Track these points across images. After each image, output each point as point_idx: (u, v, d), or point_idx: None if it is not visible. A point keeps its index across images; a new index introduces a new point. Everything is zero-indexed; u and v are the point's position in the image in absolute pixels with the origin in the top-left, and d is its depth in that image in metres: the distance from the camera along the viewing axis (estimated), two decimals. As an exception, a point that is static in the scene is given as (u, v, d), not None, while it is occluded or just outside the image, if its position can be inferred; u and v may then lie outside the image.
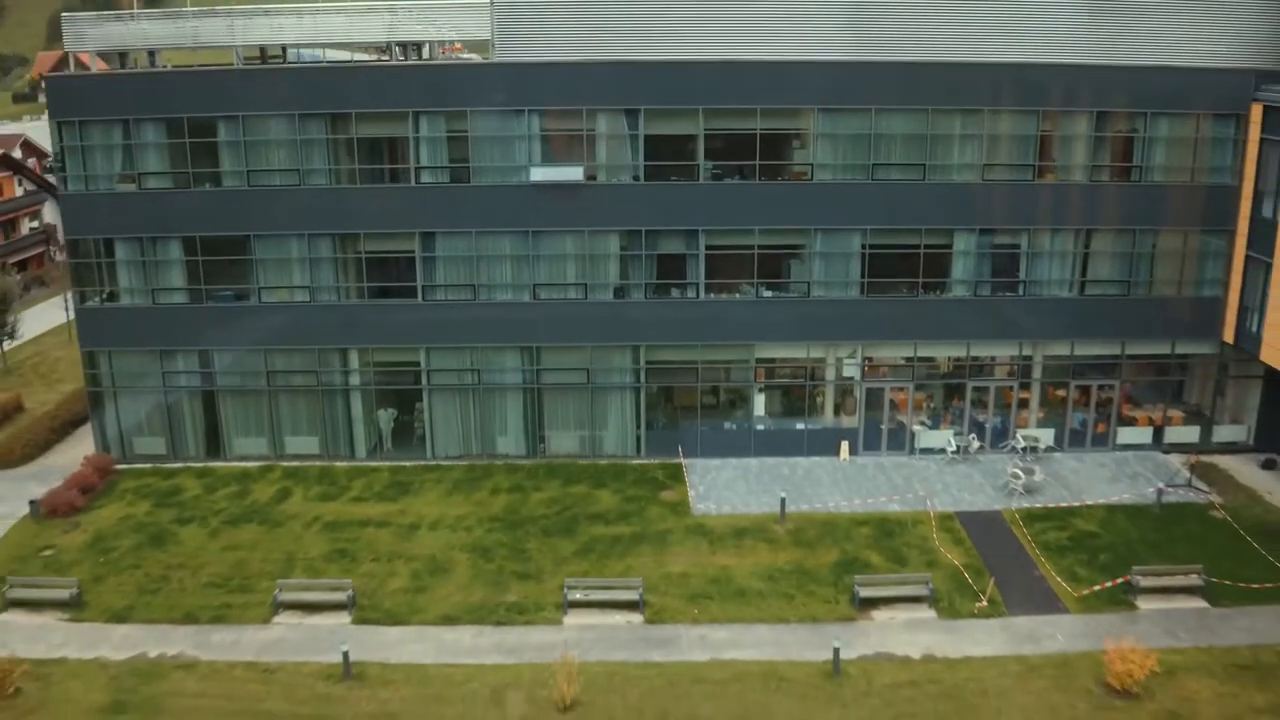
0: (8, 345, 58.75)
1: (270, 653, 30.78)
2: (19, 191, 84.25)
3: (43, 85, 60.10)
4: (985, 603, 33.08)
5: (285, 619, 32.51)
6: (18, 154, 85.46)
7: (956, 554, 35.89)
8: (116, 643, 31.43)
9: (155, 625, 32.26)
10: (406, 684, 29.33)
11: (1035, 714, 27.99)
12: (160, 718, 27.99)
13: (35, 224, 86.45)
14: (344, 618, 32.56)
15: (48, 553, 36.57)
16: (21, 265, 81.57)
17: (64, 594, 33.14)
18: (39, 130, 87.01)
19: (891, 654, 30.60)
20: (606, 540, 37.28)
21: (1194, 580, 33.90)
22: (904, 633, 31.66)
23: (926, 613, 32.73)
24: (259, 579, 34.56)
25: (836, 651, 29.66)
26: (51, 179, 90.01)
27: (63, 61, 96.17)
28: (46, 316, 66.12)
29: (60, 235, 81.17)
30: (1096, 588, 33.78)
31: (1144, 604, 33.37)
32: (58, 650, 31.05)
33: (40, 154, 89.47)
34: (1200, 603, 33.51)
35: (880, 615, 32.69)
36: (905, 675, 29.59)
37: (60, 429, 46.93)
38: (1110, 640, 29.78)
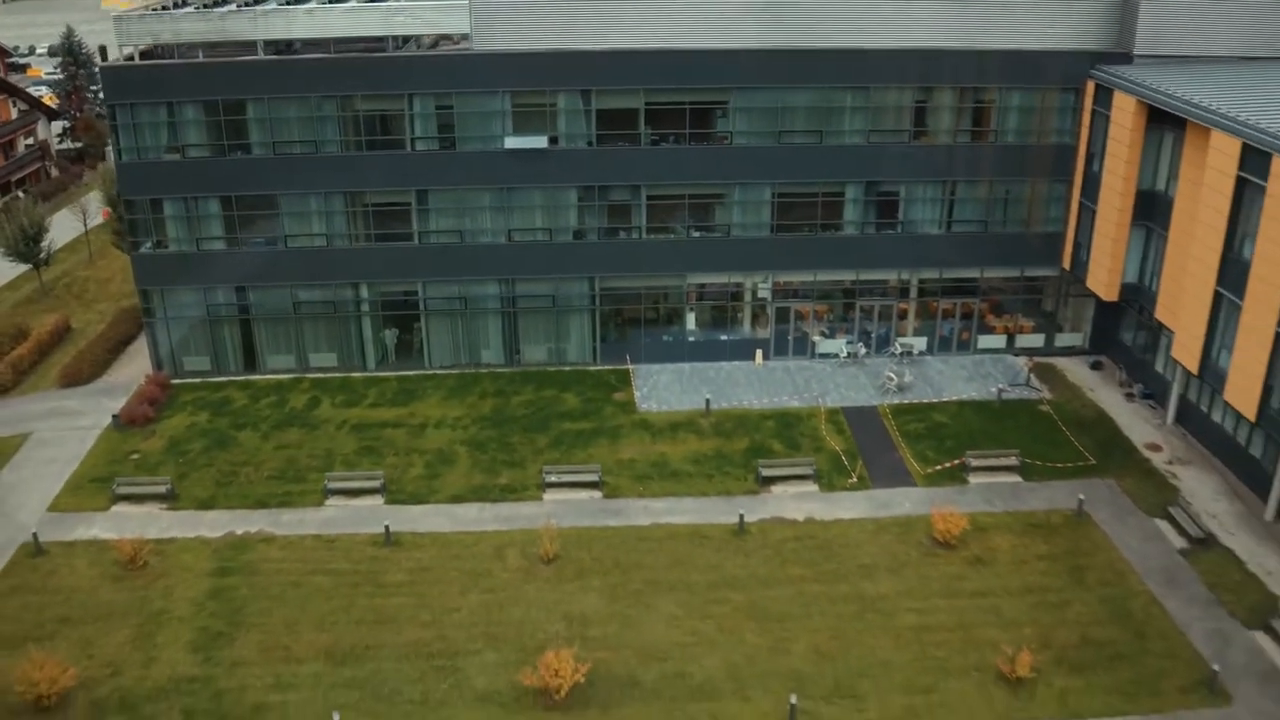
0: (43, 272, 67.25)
1: (328, 527, 41.54)
2: (14, 114, 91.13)
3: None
4: (855, 479, 44.48)
5: (334, 502, 43.19)
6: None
7: (838, 441, 47.22)
8: (209, 524, 41.94)
9: (235, 510, 42.78)
10: (432, 546, 40.31)
11: (880, 559, 39.53)
12: (257, 577, 38.72)
13: (30, 141, 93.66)
14: (378, 500, 43.30)
15: (134, 457, 46.66)
16: (21, 182, 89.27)
17: (161, 489, 43.39)
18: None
19: (783, 517, 41.99)
20: (572, 434, 48.13)
21: (1012, 461, 45.36)
22: (793, 502, 43.04)
23: (811, 487, 44.08)
24: (308, 472, 45.12)
25: (742, 517, 41.06)
26: (41, 97, 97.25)
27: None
28: (56, 232, 71.60)
29: (53, 150, 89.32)
30: (939, 467, 45.25)
31: (973, 479, 44.85)
32: (166, 533, 41.41)
33: (3, 52, 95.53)
34: (1016, 478, 44.94)
35: (777, 489, 44.00)
36: (792, 533, 41.03)
37: (114, 349, 56.30)
38: (937, 506, 41.28)
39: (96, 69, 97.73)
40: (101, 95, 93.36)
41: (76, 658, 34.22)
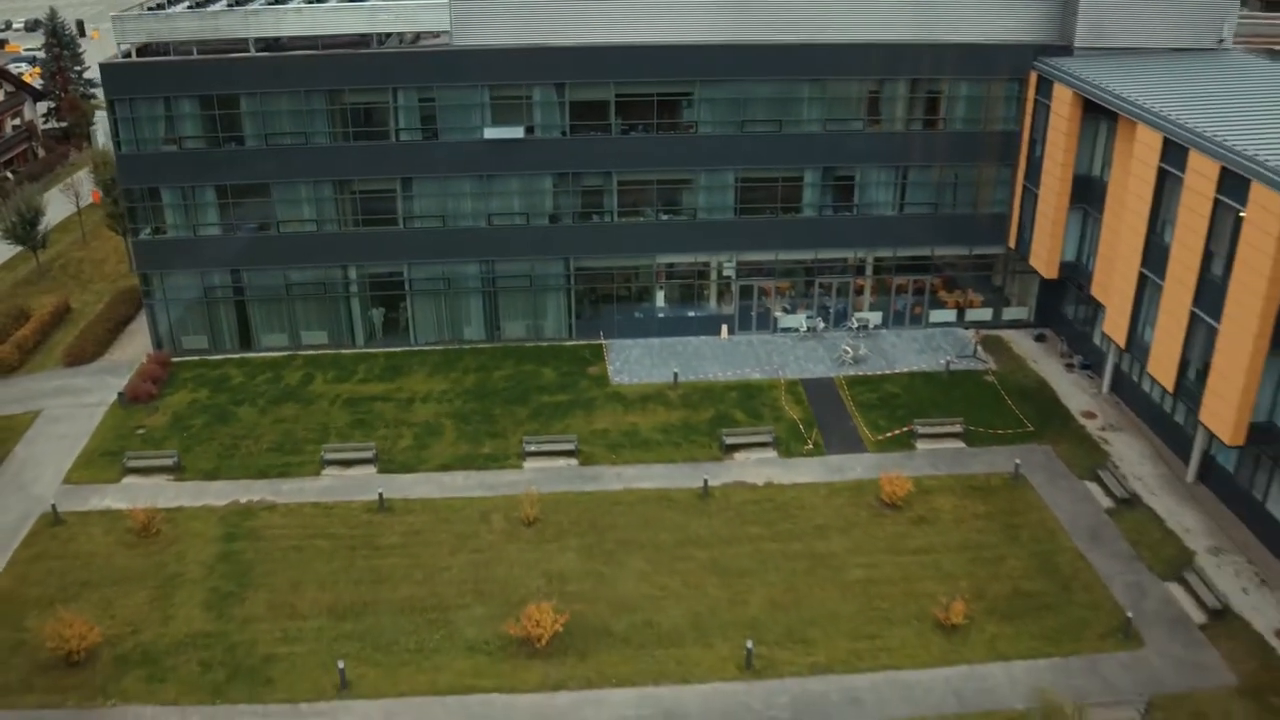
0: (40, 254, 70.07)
1: (326, 495, 45.00)
2: (0, 95, 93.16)
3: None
4: (811, 446, 48.23)
5: (331, 472, 46.62)
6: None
7: (796, 411, 50.94)
8: (215, 494, 45.30)
9: (239, 480, 46.15)
10: (423, 512, 43.84)
11: (832, 519, 43.33)
12: (262, 542, 42.18)
13: (17, 122, 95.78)
14: (371, 470, 46.75)
15: (140, 431, 49.90)
16: (9, 163, 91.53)
17: (168, 461, 46.68)
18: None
19: (744, 482, 45.71)
20: (550, 406, 51.66)
21: (957, 429, 49.18)
22: (754, 468, 46.76)
23: (770, 454, 47.80)
24: (305, 444, 48.51)
25: (706, 482, 44.78)
26: (28, 79, 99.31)
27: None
28: (48, 212, 72.88)
29: (39, 131, 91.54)
30: (889, 434, 49.04)
31: (921, 445, 48.68)
32: (174, 502, 44.76)
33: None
34: (960, 444, 48.77)
35: (739, 456, 47.69)
36: (752, 496, 44.76)
37: (115, 328, 59.32)
38: (886, 471, 45.07)
39: (82, 50, 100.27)
40: (85, 75, 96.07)
41: (99, 617, 37.54)
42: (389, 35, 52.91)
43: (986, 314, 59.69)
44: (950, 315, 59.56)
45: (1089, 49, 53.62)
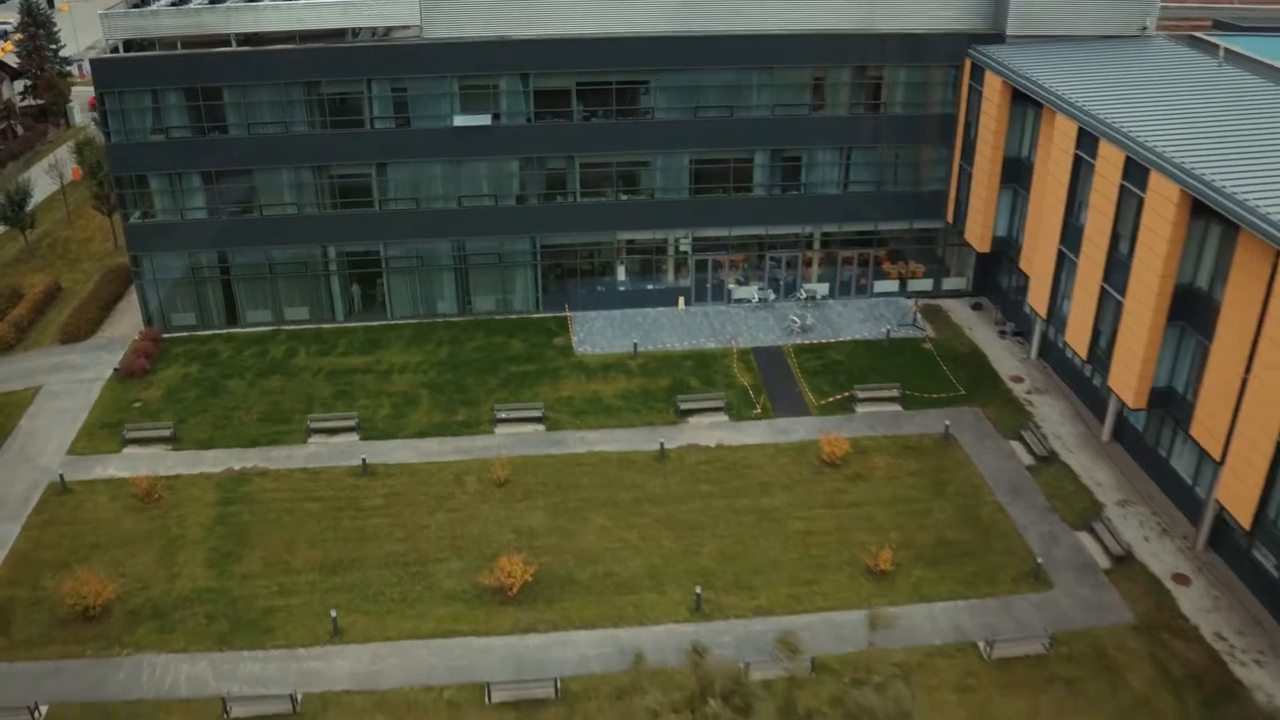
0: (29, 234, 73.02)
1: (312, 461, 48.85)
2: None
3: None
4: (759, 410, 52.39)
5: (317, 440, 50.43)
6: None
7: (747, 378, 55.08)
8: (210, 462, 49.05)
9: (231, 449, 49.89)
10: (402, 475, 47.81)
11: (777, 477, 47.60)
12: (256, 505, 46.04)
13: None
14: (354, 437, 50.58)
15: (137, 405, 53.43)
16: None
17: (165, 432, 50.34)
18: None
19: (697, 444, 49.90)
20: (519, 376, 55.58)
21: (894, 393, 53.45)
22: (706, 431, 50.92)
23: (722, 418, 51.95)
24: (291, 414, 52.26)
25: (662, 445, 48.95)
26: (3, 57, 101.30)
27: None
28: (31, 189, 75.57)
29: (17, 109, 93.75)
30: (831, 399, 53.29)
31: (860, 409, 52.92)
32: (173, 470, 48.46)
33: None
34: (896, 408, 53.06)
35: (693, 420, 51.82)
36: (704, 457, 48.96)
37: (106, 306, 62.60)
38: (827, 433, 49.33)
39: (56, 28, 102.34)
40: (60, 54, 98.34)
41: (111, 576, 41.28)
42: (362, 29, 55.99)
43: (927, 284, 63.86)
44: (893, 286, 63.72)
45: (1020, 37, 57.46)
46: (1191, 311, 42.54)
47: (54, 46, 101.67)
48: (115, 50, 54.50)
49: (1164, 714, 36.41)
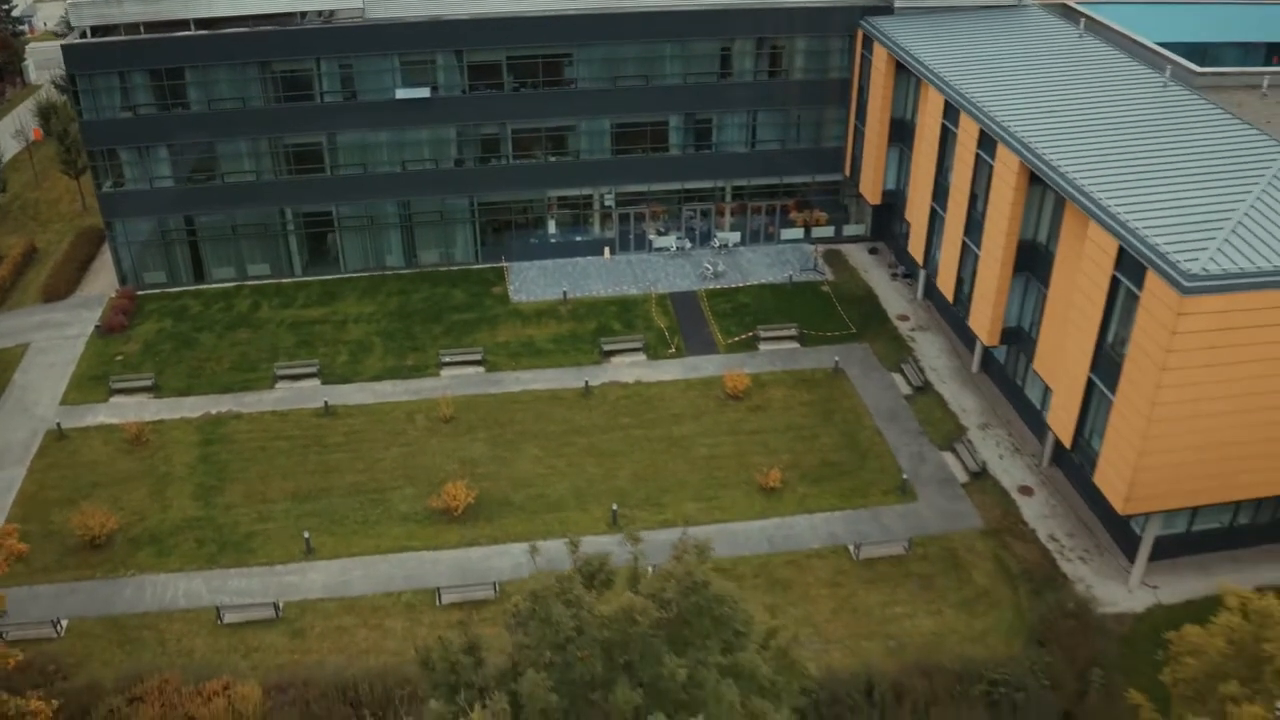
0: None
1: (280, 405, 55.51)
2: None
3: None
4: (674, 349, 59.57)
5: (283, 385, 57.03)
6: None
7: (664, 320, 62.19)
8: (189, 408, 55.55)
9: (207, 395, 56.38)
10: (360, 415, 54.67)
11: (687, 409, 54.90)
12: (233, 445, 52.76)
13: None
14: (316, 382, 57.20)
15: (119, 358, 59.56)
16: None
17: (147, 382, 56.62)
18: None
19: (618, 381, 57.06)
20: (461, 323, 62.32)
21: (793, 332, 60.74)
22: (627, 369, 58.10)
23: (641, 357, 59.08)
24: (259, 363, 58.74)
25: (587, 383, 56.13)
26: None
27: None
28: None
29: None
30: (737, 338, 60.56)
31: (763, 347, 60.21)
32: (157, 416, 54.80)
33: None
34: (795, 345, 60.36)
35: (616, 360, 58.91)
36: (624, 392, 56.20)
37: (81, 266, 68.29)
38: (731, 369, 56.64)
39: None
40: (12, 13, 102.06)
41: (111, 510, 47.88)
42: (309, 12, 61.55)
43: (830, 231, 71.06)
44: (799, 233, 70.83)
45: (908, 8, 63.99)
46: (1034, 263, 50.04)
47: (5, 6, 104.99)
48: (84, 36, 59.67)
49: (1000, 602, 44.39)
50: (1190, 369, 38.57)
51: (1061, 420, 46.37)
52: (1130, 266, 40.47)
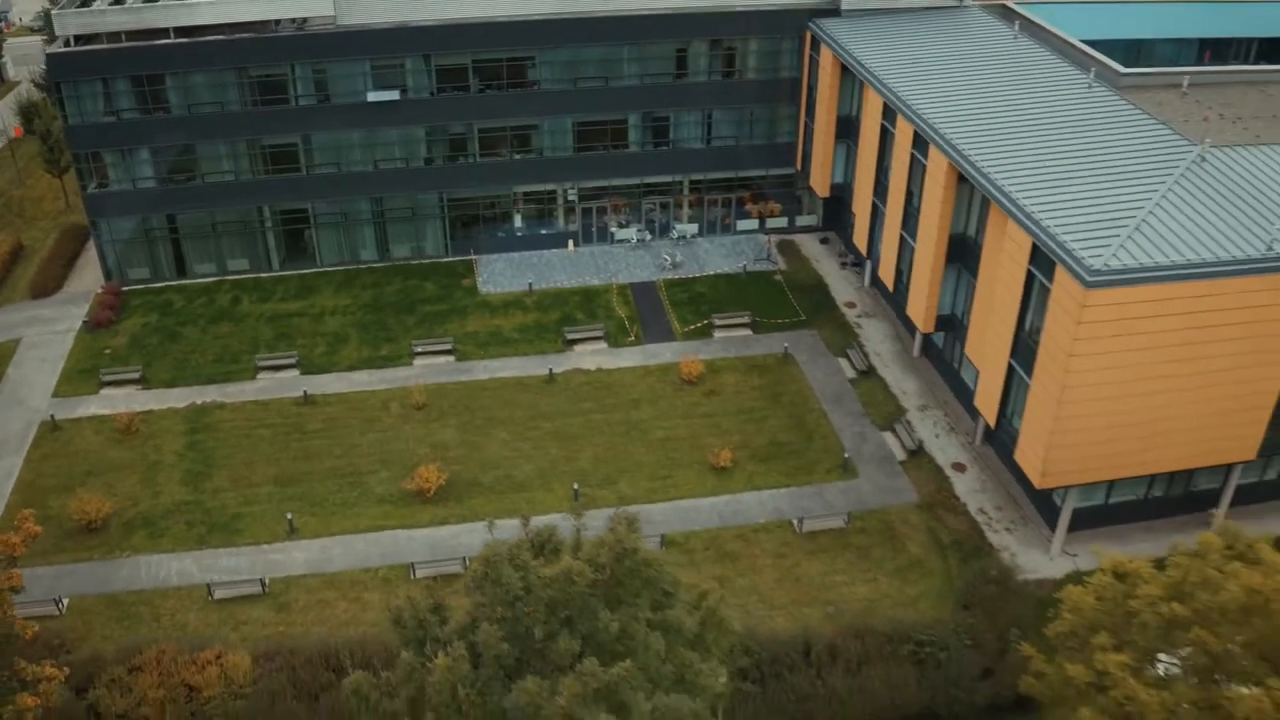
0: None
1: (262, 394, 58.85)
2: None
3: None
4: (633, 338, 63.18)
5: (264, 376, 60.34)
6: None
7: (624, 310, 65.78)
8: (175, 398, 58.79)
9: (192, 386, 59.59)
10: (338, 403, 58.12)
11: (646, 393, 58.52)
12: (218, 433, 56.09)
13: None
14: (295, 372, 60.53)
15: (107, 352, 62.66)
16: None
17: (135, 374, 59.82)
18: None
19: (580, 368, 60.64)
20: (433, 315, 65.74)
21: (746, 320, 64.43)
22: (589, 357, 61.65)
23: (602, 345, 62.64)
24: (241, 355, 62.01)
25: (551, 370, 59.72)
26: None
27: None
28: None
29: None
30: (693, 326, 64.23)
31: (718, 334, 63.86)
32: (145, 406, 58.04)
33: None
34: (747, 332, 64.05)
35: (579, 348, 62.49)
36: (586, 379, 59.80)
37: (67, 263, 71.21)
38: (687, 356, 60.32)
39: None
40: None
41: (105, 496, 51.18)
42: (283, 20, 64.56)
43: (783, 222, 74.72)
44: (754, 224, 74.48)
45: (854, 10, 67.45)
46: (964, 255, 53.89)
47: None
48: (68, 44, 62.56)
49: (931, 571, 48.31)
50: (1095, 355, 42.52)
51: (987, 402, 50.28)
52: (1043, 261, 44.35)
